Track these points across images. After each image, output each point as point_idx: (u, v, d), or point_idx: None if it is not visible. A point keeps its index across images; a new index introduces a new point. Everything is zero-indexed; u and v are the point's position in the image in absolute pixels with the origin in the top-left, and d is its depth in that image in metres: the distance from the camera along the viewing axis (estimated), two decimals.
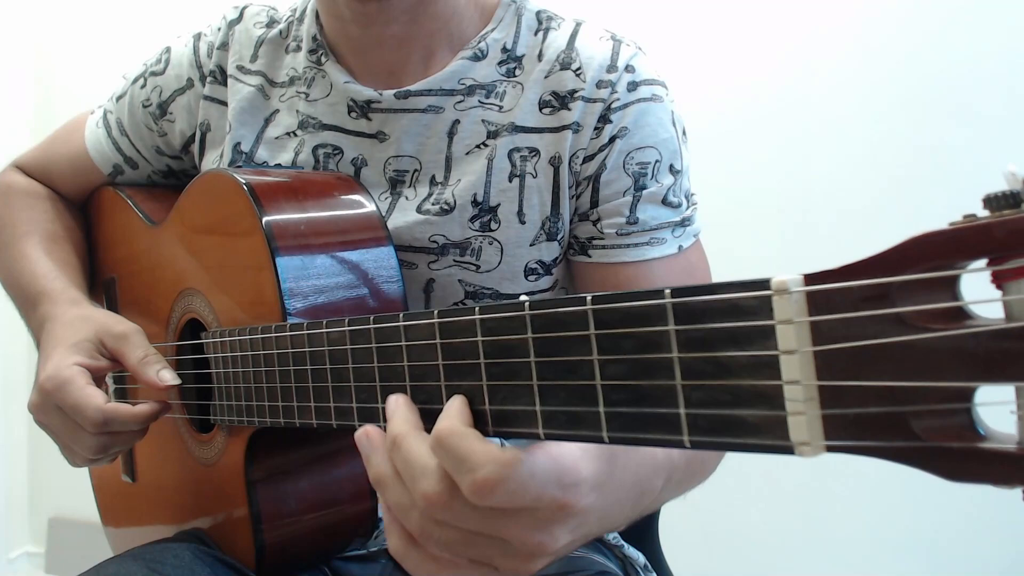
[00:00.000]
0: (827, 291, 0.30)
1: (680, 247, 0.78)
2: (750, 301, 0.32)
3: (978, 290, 0.29)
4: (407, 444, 0.46)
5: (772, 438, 0.32)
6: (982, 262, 0.28)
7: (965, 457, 0.28)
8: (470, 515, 0.44)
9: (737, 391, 0.33)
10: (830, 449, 0.31)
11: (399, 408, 0.49)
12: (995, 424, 0.29)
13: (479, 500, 0.42)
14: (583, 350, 0.39)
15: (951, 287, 0.29)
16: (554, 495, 0.43)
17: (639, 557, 0.88)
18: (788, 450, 0.31)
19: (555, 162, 0.77)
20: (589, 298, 0.38)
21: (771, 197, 1.62)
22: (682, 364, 0.35)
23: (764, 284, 0.32)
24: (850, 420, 0.30)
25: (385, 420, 0.50)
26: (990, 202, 0.28)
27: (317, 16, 0.86)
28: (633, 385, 0.37)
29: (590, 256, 0.78)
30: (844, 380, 0.30)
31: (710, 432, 0.34)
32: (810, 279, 0.31)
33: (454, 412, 0.45)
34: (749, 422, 0.32)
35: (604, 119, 0.77)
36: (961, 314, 0.29)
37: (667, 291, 0.35)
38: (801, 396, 0.31)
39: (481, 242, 0.78)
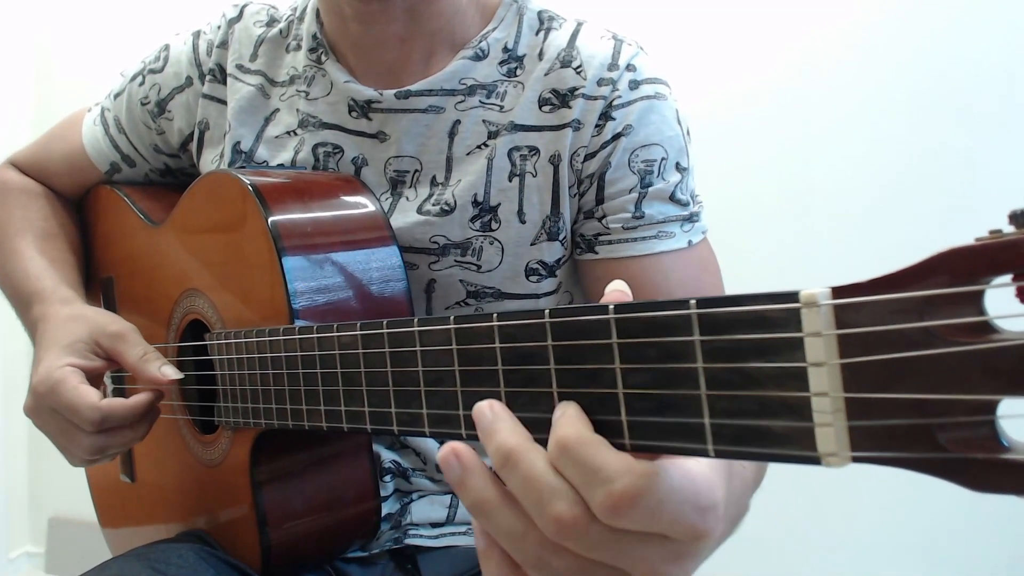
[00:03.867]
0: (855, 304, 0.31)
1: (690, 242, 0.78)
2: (778, 313, 0.32)
3: (1001, 305, 0.30)
4: (528, 460, 0.39)
5: (799, 449, 0.32)
6: (1007, 277, 0.29)
7: (989, 468, 0.29)
8: (603, 542, 0.37)
9: (764, 401, 0.33)
10: (856, 460, 0.31)
11: (502, 417, 0.41)
12: (1018, 436, 0.30)
13: (614, 518, 0.36)
14: (605, 358, 0.39)
15: (976, 301, 0.30)
16: (693, 521, 0.37)
17: None
18: (815, 460, 0.32)
19: (555, 160, 0.77)
20: (612, 307, 0.39)
21: (771, 198, 1.62)
22: (707, 374, 0.35)
23: (793, 296, 0.32)
24: (877, 431, 0.31)
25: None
26: (1016, 218, 0.29)
27: (318, 14, 0.86)
28: (656, 394, 0.37)
29: (597, 253, 0.78)
30: (871, 392, 0.31)
31: (735, 441, 0.34)
32: (838, 292, 0.31)
33: (576, 417, 0.39)
34: (776, 432, 0.33)
35: (606, 116, 0.77)
36: (987, 328, 0.29)
37: (692, 301, 0.35)
38: (829, 408, 0.31)
39: (482, 242, 0.78)
